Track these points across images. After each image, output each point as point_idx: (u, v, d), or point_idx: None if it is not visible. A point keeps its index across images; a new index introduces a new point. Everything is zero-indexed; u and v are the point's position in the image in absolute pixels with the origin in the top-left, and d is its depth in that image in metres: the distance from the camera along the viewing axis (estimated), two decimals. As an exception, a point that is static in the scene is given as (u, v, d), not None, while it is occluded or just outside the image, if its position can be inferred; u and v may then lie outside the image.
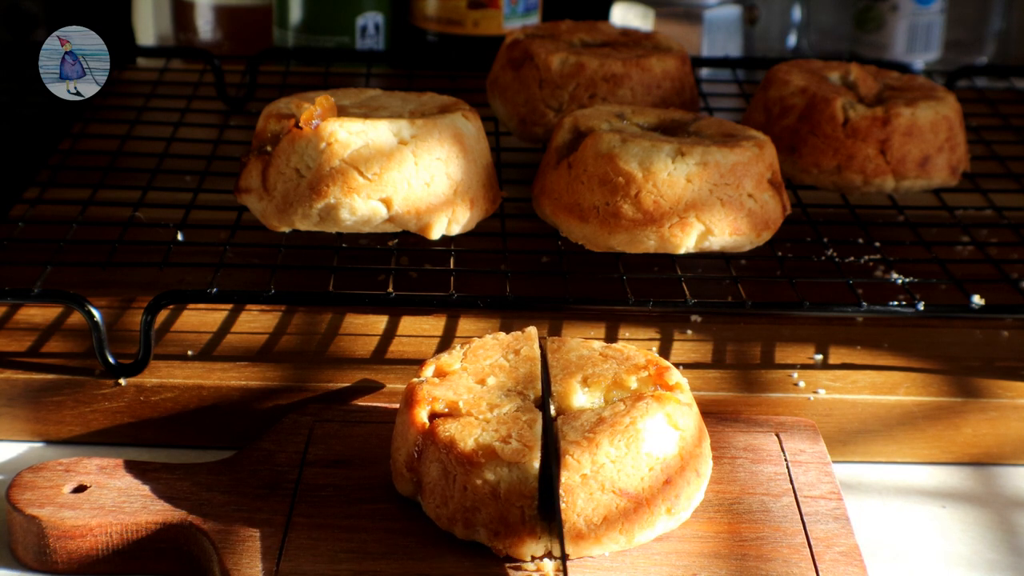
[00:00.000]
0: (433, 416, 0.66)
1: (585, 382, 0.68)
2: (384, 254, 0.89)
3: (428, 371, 0.70)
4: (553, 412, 0.67)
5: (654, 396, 0.67)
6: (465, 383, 0.68)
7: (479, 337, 0.72)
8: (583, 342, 0.72)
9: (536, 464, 0.63)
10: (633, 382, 0.68)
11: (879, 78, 1.00)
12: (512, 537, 0.63)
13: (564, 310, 0.85)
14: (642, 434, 0.64)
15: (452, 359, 0.70)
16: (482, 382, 0.68)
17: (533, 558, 0.64)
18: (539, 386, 0.68)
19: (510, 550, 0.63)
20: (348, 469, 0.70)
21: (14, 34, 1.12)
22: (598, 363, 0.70)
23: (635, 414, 0.65)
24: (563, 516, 0.63)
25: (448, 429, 0.65)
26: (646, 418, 0.65)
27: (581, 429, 0.65)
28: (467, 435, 0.64)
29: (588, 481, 0.63)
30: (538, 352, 0.71)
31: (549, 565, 0.64)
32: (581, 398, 0.68)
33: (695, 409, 0.68)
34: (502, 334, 0.73)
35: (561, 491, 0.63)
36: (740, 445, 0.73)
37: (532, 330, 0.73)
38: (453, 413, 0.66)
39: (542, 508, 0.63)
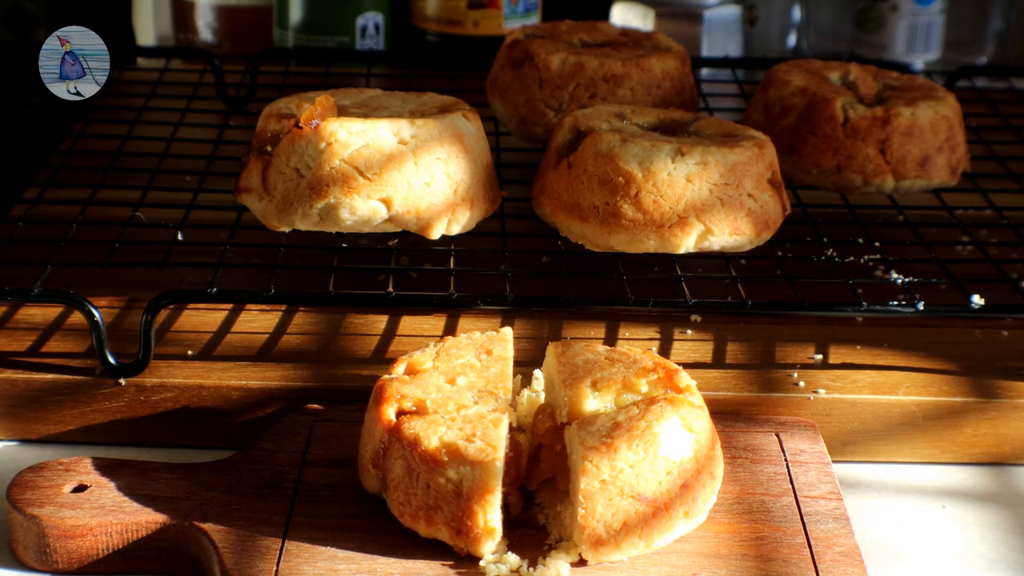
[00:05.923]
0: (401, 414, 0.66)
1: (595, 386, 0.67)
2: (384, 254, 0.89)
3: (399, 368, 0.70)
4: (565, 417, 0.67)
5: (667, 399, 0.66)
6: (435, 382, 0.68)
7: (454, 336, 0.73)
8: (587, 346, 0.71)
9: (499, 464, 0.63)
10: (643, 385, 0.68)
11: (879, 78, 1.00)
12: (473, 536, 0.63)
13: (564, 310, 0.85)
14: (659, 438, 0.64)
15: (424, 357, 0.70)
16: (452, 382, 0.68)
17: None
18: (509, 386, 0.68)
19: (471, 548, 0.63)
20: (348, 469, 0.70)
21: (14, 34, 1.12)
22: (605, 367, 0.69)
23: (651, 418, 0.65)
24: (583, 523, 0.63)
25: (413, 427, 0.65)
26: (662, 422, 0.65)
27: (598, 434, 0.64)
28: (431, 433, 0.64)
29: (607, 487, 0.63)
30: (511, 352, 0.71)
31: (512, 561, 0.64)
32: (592, 402, 0.67)
33: (706, 412, 0.68)
34: (477, 333, 0.73)
35: (580, 497, 0.63)
36: (740, 445, 0.73)
37: (507, 331, 0.73)
38: (420, 411, 0.66)
39: None
